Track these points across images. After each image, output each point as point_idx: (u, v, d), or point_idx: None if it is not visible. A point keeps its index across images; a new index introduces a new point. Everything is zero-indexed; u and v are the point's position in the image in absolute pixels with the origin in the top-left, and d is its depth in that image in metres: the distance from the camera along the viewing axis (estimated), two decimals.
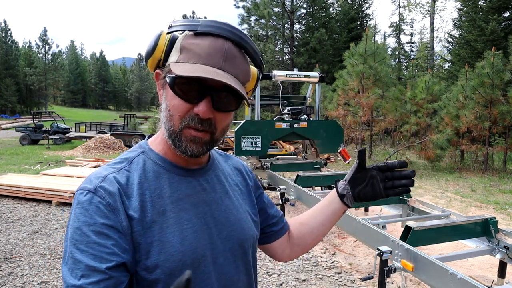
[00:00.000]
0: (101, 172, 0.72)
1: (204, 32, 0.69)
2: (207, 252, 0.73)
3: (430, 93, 11.23)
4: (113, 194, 0.67)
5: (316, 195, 4.00)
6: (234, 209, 0.82)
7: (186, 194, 0.75)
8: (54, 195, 6.18)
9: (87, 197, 0.66)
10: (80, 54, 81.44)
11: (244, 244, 0.80)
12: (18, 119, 36.60)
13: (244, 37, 0.72)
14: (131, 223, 0.67)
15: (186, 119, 0.69)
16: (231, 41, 0.70)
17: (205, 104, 0.68)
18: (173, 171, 0.76)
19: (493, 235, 2.78)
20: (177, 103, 0.69)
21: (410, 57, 30.60)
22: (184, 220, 0.72)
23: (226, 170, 0.89)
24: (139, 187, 0.71)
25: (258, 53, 0.75)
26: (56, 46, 58.76)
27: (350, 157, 6.06)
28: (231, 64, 0.69)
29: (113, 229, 0.65)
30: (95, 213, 0.65)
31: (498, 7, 14.38)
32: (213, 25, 0.70)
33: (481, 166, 10.12)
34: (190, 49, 0.68)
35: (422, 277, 2.23)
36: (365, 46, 10.96)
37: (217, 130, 0.72)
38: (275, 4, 20.74)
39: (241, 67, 0.71)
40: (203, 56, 0.67)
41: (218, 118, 0.71)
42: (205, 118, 0.69)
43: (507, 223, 5.22)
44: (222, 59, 0.68)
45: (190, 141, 0.71)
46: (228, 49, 0.69)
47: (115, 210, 0.66)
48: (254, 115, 5.89)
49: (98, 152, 13.72)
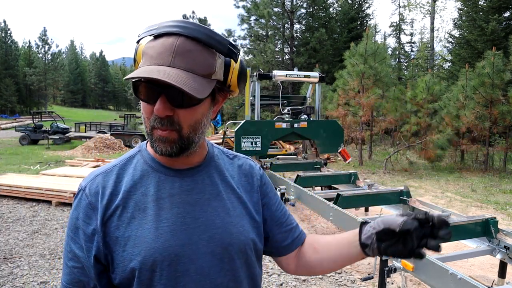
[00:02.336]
0: (99, 169, 0.81)
1: (159, 34, 0.71)
2: (185, 252, 0.73)
3: (430, 93, 11.22)
4: (97, 193, 0.76)
5: (316, 195, 4.00)
6: (223, 211, 0.80)
7: (168, 194, 0.77)
8: (53, 195, 6.17)
9: (79, 195, 0.78)
10: (80, 54, 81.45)
11: (230, 248, 0.77)
12: (18, 119, 36.60)
13: (200, 29, 0.70)
14: (110, 219, 0.74)
15: (151, 120, 0.72)
16: (184, 36, 0.69)
17: (159, 103, 0.69)
18: (160, 170, 0.79)
19: (493, 235, 2.78)
20: (143, 106, 0.73)
21: (410, 57, 30.59)
22: (163, 218, 0.74)
23: (227, 171, 0.86)
24: (127, 185, 0.77)
25: (222, 41, 0.72)
26: (56, 46, 58.89)
27: (351, 157, 6.06)
28: (183, 58, 0.68)
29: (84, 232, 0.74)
30: (80, 210, 0.76)
31: (498, 7, 14.37)
32: (167, 25, 0.71)
33: (481, 166, 10.11)
34: (147, 53, 0.71)
35: (422, 277, 2.23)
36: (366, 46, 10.95)
37: (183, 127, 0.71)
38: (275, 4, 20.73)
39: (197, 60, 0.69)
40: (155, 56, 0.69)
41: (181, 115, 0.71)
42: (162, 116, 0.69)
43: (508, 223, 5.22)
44: (172, 55, 0.68)
45: (159, 141, 0.72)
46: (179, 44, 0.68)
47: (95, 209, 0.75)
48: (254, 115, 5.89)
49: (98, 152, 13.71)
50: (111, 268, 0.74)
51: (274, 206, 0.92)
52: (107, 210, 0.74)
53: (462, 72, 10.25)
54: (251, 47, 22.87)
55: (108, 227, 0.73)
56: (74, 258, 0.76)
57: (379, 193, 3.97)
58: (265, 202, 0.90)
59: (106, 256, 0.73)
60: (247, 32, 22.38)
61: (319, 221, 5.27)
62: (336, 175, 5.14)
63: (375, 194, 3.96)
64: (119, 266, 0.73)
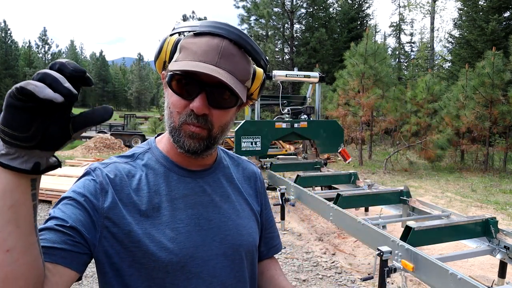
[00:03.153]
0: (107, 160, 0.78)
1: (202, 32, 0.71)
2: (198, 253, 0.73)
3: (430, 93, 11.22)
4: (108, 178, 0.71)
5: (316, 195, 4.00)
6: (234, 214, 0.81)
7: (182, 194, 0.76)
8: (53, 195, 6.17)
9: (88, 175, 0.73)
10: (80, 54, 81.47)
11: (240, 249, 0.79)
12: None
13: (243, 36, 0.72)
14: (121, 209, 0.69)
15: (183, 115, 0.71)
16: (229, 40, 0.70)
17: (200, 100, 0.68)
18: (173, 170, 0.78)
19: (493, 235, 2.78)
20: (175, 100, 0.71)
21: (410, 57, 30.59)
22: (177, 219, 0.73)
23: (234, 174, 0.88)
24: (138, 182, 0.74)
25: (259, 53, 0.75)
26: (56, 46, 59.08)
27: (351, 157, 6.06)
28: (227, 61, 0.69)
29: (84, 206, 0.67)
30: (88, 184, 0.70)
31: (498, 7, 14.37)
32: (211, 24, 0.71)
33: (481, 166, 10.11)
34: (188, 48, 0.70)
35: (422, 277, 2.23)
36: (366, 46, 10.95)
37: (214, 127, 0.72)
38: (275, 4, 20.73)
39: (238, 65, 0.71)
40: (199, 53, 0.69)
41: (215, 115, 0.71)
42: (199, 114, 0.69)
43: (508, 223, 5.22)
44: (218, 56, 0.68)
45: (188, 137, 0.71)
46: (225, 47, 0.69)
47: (103, 191, 0.70)
48: (254, 115, 5.89)
49: (98, 152, 13.71)
50: (116, 259, 0.69)
51: (266, 210, 0.95)
52: (118, 199, 0.70)
53: (462, 72, 10.26)
54: None
55: (118, 217, 0.69)
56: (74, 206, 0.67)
57: (379, 193, 3.97)
58: (263, 206, 0.93)
59: (102, 243, 0.68)
60: (247, 32, 22.36)
61: (319, 221, 5.27)
62: (336, 175, 5.14)
63: (375, 194, 3.96)
64: (127, 261, 0.69)
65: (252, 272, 0.84)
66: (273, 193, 6.25)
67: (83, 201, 0.67)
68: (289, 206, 6.00)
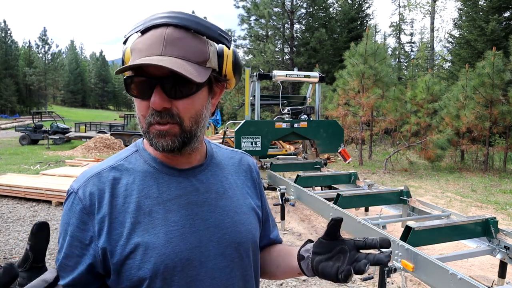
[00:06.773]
0: (92, 170, 0.74)
1: (146, 28, 0.69)
2: (195, 255, 0.71)
3: (430, 93, 11.22)
4: (92, 197, 0.70)
5: (316, 195, 4.00)
6: (232, 210, 0.78)
7: (175, 195, 0.73)
8: (53, 195, 6.17)
9: (70, 198, 0.72)
10: (80, 54, 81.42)
11: (240, 247, 0.77)
12: (18, 119, 36.58)
13: (188, 17, 0.69)
14: (110, 225, 0.69)
15: (148, 117, 0.69)
16: (173, 26, 0.67)
17: (155, 95, 0.66)
18: (163, 171, 0.75)
19: (493, 235, 2.78)
20: (137, 104, 0.70)
21: (410, 57, 30.61)
22: (171, 222, 0.71)
23: (229, 168, 0.85)
24: (126, 187, 0.72)
25: (212, 28, 0.71)
26: (56, 46, 59.15)
27: (351, 157, 6.05)
28: (175, 47, 0.66)
29: (78, 240, 0.69)
30: (73, 215, 0.70)
31: (498, 7, 14.36)
32: (153, 17, 0.69)
33: (481, 166, 10.11)
34: (135, 48, 0.69)
35: (422, 277, 2.23)
36: (366, 46, 10.95)
37: (184, 119, 0.68)
38: (275, 4, 20.71)
39: (189, 48, 0.67)
40: (144, 49, 0.67)
41: (180, 106, 0.68)
42: (158, 109, 0.66)
43: (508, 223, 5.22)
44: (162, 45, 0.66)
45: (158, 136, 0.69)
46: (169, 33, 0.67)
47: (90, 215, 0.69)
48: (254, 115, 5.89)
49: (98, 152, 13.71)
50: (113, 277, 0.69)
51: (263, 200, 0.93)
52: (106, 216, 0.69)
53: (462, 72, 10.25)
54: (251, 47, 22.85)
55: (108, 233, 0.68)
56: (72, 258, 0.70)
57: (379, 193, 3.97)
58: (262, 198, 0.92)
59: (104, 265, 0.68)
60: (247, 32, 22.34)
61: (319, 221, 5.26)
62: (336, 175, 5.14)
63: (375, 194, 3.96)
64: (124, 275, 0.68)
65: (255, 268, 0.82)
66: (273, 193, 6.25)
67: (80, 248, 0.69)
68: (289, 206, 6.02)
